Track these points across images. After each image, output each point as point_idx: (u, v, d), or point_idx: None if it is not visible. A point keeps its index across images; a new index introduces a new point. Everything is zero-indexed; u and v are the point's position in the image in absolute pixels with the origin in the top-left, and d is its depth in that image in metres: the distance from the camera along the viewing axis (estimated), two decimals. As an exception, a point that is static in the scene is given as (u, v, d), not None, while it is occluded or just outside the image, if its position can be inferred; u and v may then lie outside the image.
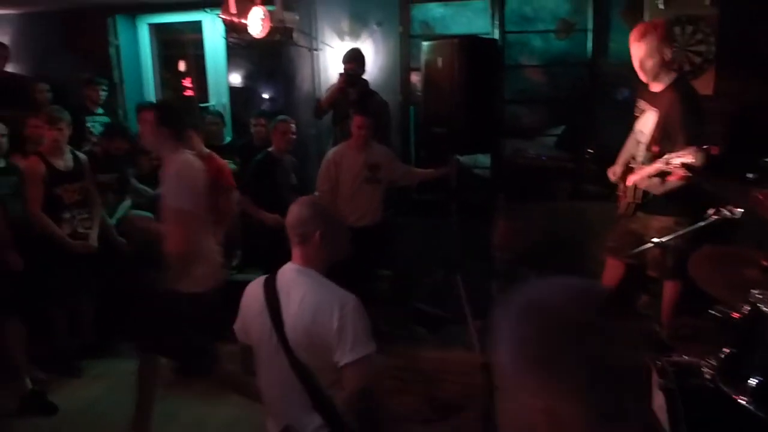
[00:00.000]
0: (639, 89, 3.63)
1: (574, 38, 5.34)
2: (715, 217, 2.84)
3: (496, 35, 5.17)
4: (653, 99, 3.50)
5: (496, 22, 5.19)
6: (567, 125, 5.68)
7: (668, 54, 3.37)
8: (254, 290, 2.32)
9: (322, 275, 2.23)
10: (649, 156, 3.50)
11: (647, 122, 3.52)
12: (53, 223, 4.17)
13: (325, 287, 2.19)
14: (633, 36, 3.42)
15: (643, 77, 3.48)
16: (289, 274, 2.25)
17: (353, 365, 2.04)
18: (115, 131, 5.00)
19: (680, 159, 3.08)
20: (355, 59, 4.89)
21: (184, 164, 3.25)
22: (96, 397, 4.09)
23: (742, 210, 2.78)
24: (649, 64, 3.38)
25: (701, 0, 4.68)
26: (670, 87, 3.42)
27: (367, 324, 2.10)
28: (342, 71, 4.89)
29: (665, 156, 3.20)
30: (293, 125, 4.73)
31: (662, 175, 3.34)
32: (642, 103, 3.59)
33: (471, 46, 4.24)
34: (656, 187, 3.39)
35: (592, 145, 4.91)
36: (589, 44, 5.13)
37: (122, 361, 4.54)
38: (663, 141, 3.39)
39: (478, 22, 5.42)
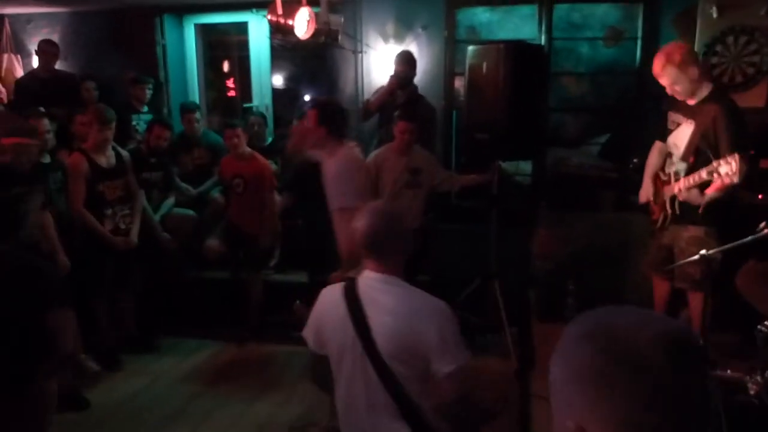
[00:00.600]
0: (672, 103, 3.59)
1: (623, 46, 5.26)
2: (767, 231, 2.77)
3: (543, 41, 5.11)
4: (690, 112, 3.48)
5: (544, 28, 5.13)
6: (612, 134, 5.58)
7: (694, 72, 3.37)
8: (331, 299, 2.26)
9: (403, 280, 2.20)
10: (684, 167, 3.46)
11: (683, 135, 3.49)
12: (95, 219, 4.25)
13: (417, 295, 2.16)
14: (654, 70, 3.46)
15: (679, 98, 3.50)
16: (371, 282, 2.20)
17: (453, 374, 2.03)
18: (155, 123, 5.08)
19: (726, 167, 3.03)
20: (407, 62, 4.88)
21: (347, 161, 3.34)
22: (135, 390, 4.15)
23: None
24: (678, 89, 3.42)
25: (756, 10, 4.55)
26: (707, 98, 3.41)
27: (459, 331, 2.09)
28: (392, 74, 4.89)
29: (711, 165, 3.15)
30: None
31: (702, 186, 3.28)
32: (676, 116, 3.58)
33: (516, 51, 4.20)
34: (696, 199, 3.33)
35: (638, 155, 4.81)
36: (638, 52, 5.04)
37: (162, 355, 4.63)
38: (700, 152, 3.36)
39: (524, 28, 5.37)
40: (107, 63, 6.11)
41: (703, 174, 3.21)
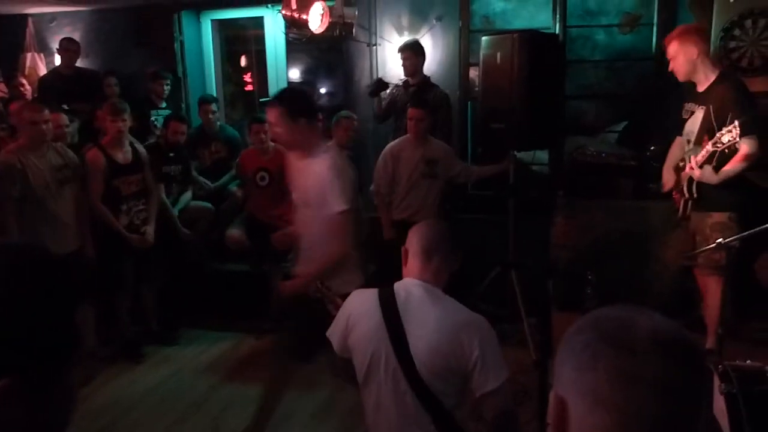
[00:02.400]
0: (687, 92, 3.60)
1: (639, 32, 5.20)
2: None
3: (558, 30, 5.07)
4: (700, 98, 3.53)
5: (558, 17, 5.09)
6: (630, 122, 5.53)
7: (694, 53, 3.47)
8: (366, 304, 2.17)
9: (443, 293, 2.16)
10: (699, 150, 3.45)
11: (696, 121, 3.54)
12: (111, 214, 4.32)
13: (459, 310, 2.10)
14: (665, 43, 3.63)
15: (678, 77, 3.61)
16: (413, 290, 2.12)
17: (496, 392, 1.99)
18: (172, 118, 5.13)
19: (728, 135, 3.07)
20: (410, 50, 4.93)
21: (339, 159, 3.12)
22: (158, 381, 4.24)
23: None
24: (676, 63, 3.55)
25: (775, -9, 4.49)
26: (715, 82, 3.46)
27: (499, 346, 2.05)
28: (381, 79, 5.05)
29: (715, 136, 3.19)
30: (356, 121, 4.78)
31: (717, 166, 3.29)
32: (689, 105, 3.60)
33: (531, 40, 4.18)
34: (711, 176, 3.34)
35: (656, 142, 4.77)
36: (655, 38, 4.99)
37: (183, 347, 4.71)
38: (712, 132, 3.37)
39: (539, 16, 5.33)
40: (128, 59, 6.21)
41: (709, 146, 3.25)
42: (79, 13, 6.39)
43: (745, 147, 3.25)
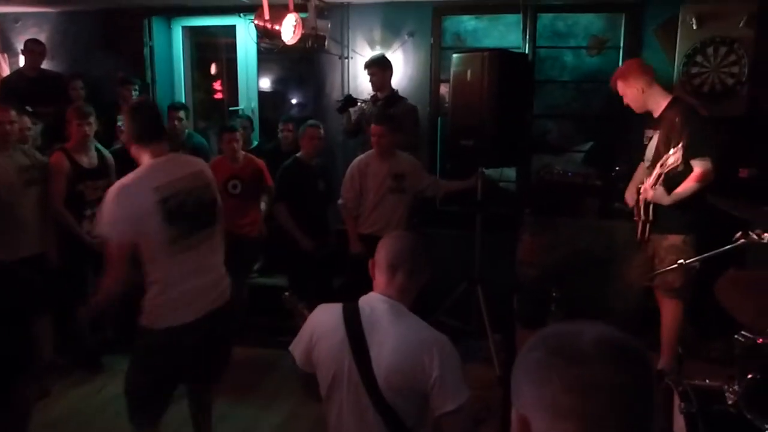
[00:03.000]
0: (648, 120, 3.72)
1: (606, 55, 5.32)
2: (743, 240, 2.81)
3: (527, 50, 5.16)
4: (656, 124, 3.62)
5: (528, 37, 5.18)
6: (596, 142, 5.64)
7: (639, 86, 3.59)
8: (330, 319, 2.13)
9: (409, 309, 2.13)
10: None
11: (652, 145, 3.63)
12: (72, 217, 4.23)
13: (421, 328, 2.08)
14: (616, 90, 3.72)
15: (636, 110, 3.70)
16: (377, 306, 2.10)
17: (454, 413, 1.97)
18: None
19: (672, 157, 3.17)
20: (375, 65, 4.94)
21: None
22: (118, 393, 4.11)
23: (772, 235, 2.75)
24: (627, 99, 3.66)
25: (735, 21, 4.64)
26: (667, 107, 3.55)
27: (461, 367, 2.03)
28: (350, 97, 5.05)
29: (661, 158, 3.30)
30: (322, 131, 4.76)
31: (669, 188, 3.38)
32: (648, 132, 3.72)
33: (501, 59, 4.25)
34: (663, 197, 3.42)
35: (621, 163, 4.87)
36: (621, 62, 5.10)
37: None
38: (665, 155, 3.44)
39: (509, 36, 5.42)
40: (95, 63, 6.09)
41: (657, 169, 3.33)
42: (46, 14, 6.27)
43: (697, 168, 3.33)
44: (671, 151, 3.24)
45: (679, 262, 3.06)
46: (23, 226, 3.97)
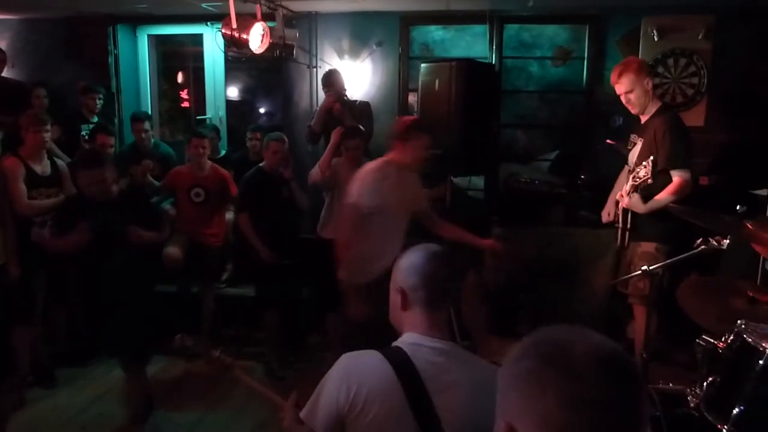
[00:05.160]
0: (634, 125, 3.72)
1: (571, 66, 5.42)
2: (703, 247, 2.88)
3: (494, 60, 5.23)
4: (642, 129, 3.62)
5: (495, 47, 5.25)
6: (561, 151, 5.73)
7: (649, 83, 3.52)
8: (377, 375, 1.58)
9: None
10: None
11: (635, 152, 3.63)
12: (42, 205, 4.13)
13: (475, 361, 1.70)
14: (612, 79, 3.60)
15: (632, 110, 3.63)
16: (427, 350, 1.63)
17: None
18: (98, 131, 4.98)
19: (643, 170, 3.21)
20: (330, 79, 4.96)
21: None
22: (80, 408, 4.04)
23: (729, 241, 2.82)
24: (632, 96, 3.54)
25: (695, 33, 4.77)
26: (654, 114, 3.56)
27: None
28: (328, 92, 4.93)
29: (634, 170, 3.31)
30: (284, 144, 4.68)
31: (646, 197, 3.42)
32: (633, 137, 3.70)
33: (468, 69, 4.29)
34: (638, 205, 3.46)
35: (586, 171, 4.96)
36: (585, 72, 5.21)
37: (108, 370, 4.52)
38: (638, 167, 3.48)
39: (476, 46, 5.49)
40: (58, 71, 6.00)
41: (630, 180, 3.36)
42: (7, 21, 6.16)
43: (676, 179, 3.37)
44: (644, 163, 3.26)
45: (642, 268, 3.11)
46: None
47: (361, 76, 5.48)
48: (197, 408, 4.00)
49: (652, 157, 3.23)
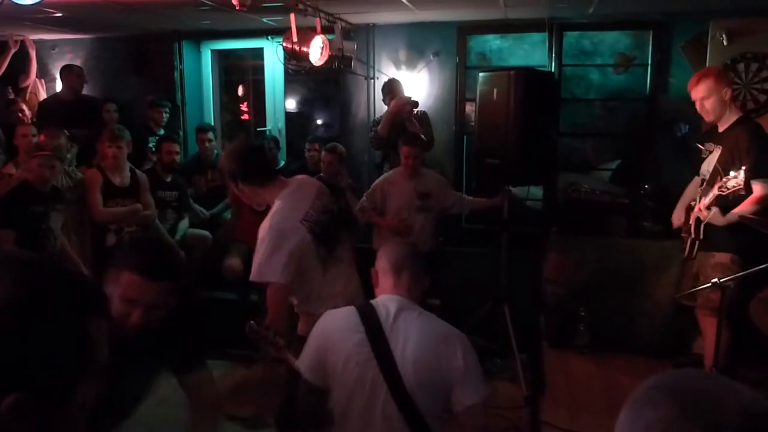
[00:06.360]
0: (707, 132, 3.61)
1: (633, 73, 5.29)
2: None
3: (553, 68, 5.16)
4: (719, 139, 3.50)
5: (554, 55, 5.18)
6: (623, 160, 5.59)
7: (727, 93, 3.41)
8: (343, 321, 2.09)
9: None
10: (709, 191, 3.45)
11: (712, 161, 3.51)
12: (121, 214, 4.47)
13: (438, 322, 2.09)
14: (690, 84, 3.50)
15: (707, 118, 3.52)
16: (390, 305, 2.08)
17: (475, 408, 1.97)
18: (163, 140, 5.16)
19: (733, 181, 3.07)
20: (388, 92, 5.02)
21: None
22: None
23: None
24: (708, 103, 3.43)
25: (766, 36, 4.58)
26: (734, 124, 3.44)
27: (479, 362, 2.04)
28: (401, 100, 4.93)
29: (721, 180, 3.19)
30: (335, 155, 4.76)
31: (726, 209, 3.29)
32: (708, 145, 3.58)
33: (526, 78, 4.24)
34: (717, 218, 3.33)
35: (649, 181, 4.82)
36: (648, 79, 5.07)
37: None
38: (726, 174, 3.34)
39: (535, 54, 5.43)
40: (127, 87, 6.26)
41: (715, 190, 3.23)
42: (81, 41, 6.45)
43: (758, 189, 3.23)
44: (731, 173, 3.11)
45: (713, 280, 2.99)
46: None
47: (418, 87, 5.49)
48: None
49: (744, 167, 3.10)
